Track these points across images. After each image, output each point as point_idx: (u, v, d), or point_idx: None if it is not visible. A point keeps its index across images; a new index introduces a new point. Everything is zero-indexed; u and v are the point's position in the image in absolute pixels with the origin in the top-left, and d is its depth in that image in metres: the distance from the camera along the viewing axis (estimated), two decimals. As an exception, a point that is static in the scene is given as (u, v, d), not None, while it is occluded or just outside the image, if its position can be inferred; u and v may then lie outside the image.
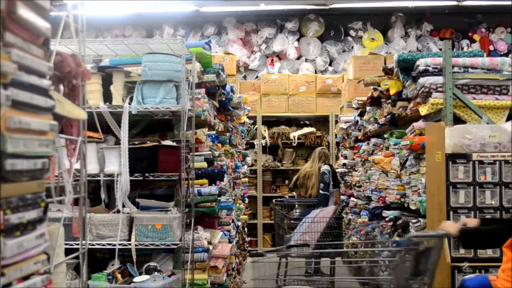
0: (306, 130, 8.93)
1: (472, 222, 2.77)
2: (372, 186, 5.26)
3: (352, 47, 9.30)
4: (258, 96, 8.69)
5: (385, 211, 4.56)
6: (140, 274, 3.43)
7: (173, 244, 3.44)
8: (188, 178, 3.67)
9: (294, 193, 8.15)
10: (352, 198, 6.48)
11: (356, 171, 6.30)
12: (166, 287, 3.28)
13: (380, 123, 4.94)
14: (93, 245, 3.40)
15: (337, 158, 8.15)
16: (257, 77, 9.25)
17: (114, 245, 3.44)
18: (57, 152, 1.81)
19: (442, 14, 9.16)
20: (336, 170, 7.83)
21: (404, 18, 9.29)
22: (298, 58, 9.35)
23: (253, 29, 9.44)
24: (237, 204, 6.09)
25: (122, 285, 3.33)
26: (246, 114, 6.74)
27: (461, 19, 9.23)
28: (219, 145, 4.80)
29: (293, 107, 8.69)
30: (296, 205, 7.16)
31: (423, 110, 3.65)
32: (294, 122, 9.36)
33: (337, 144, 8.04)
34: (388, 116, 4.62)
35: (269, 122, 9.06)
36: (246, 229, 7.19)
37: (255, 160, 8.71)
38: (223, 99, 5.09)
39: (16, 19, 1.38)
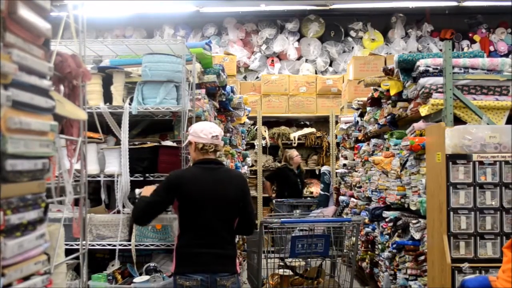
0: (306, 130, 8.93)
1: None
2: (372, 187, 5.25)
3: (352, 47, 9.30)
4: (258, 96, 8.69)
5: (385, 211, 4.56)
6: (140, 274, 3.43)
7: (173, 245, 3.44)
8: (188, 178, 3.67)
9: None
10: (352, 199, 6.47)
11: (356, 171, 6.29)
12: (166, 288, 3.29)
13: (380, 123, 4.93)
14: (93, 245, 3.40)
15: (337, 158, 8.15)
16: (257, 77, 9.25)
17: (114, 245, 3.44)
18: (57, 152, 1.81)
19: (443, 15, 9.16)
20: (337, 170, 7.83)
21: (404, 19, 9.29)
22: (299, 58, 9.35)
23: (253, 29, 9.44)
24: (237, 205, 6.06)
25: (122, 286, 3.33)
26: (247, 115, 6.74)
27: (462, 20, 9.23)
28: (220, 145, 4.80)
29: (293, 108, 8.69)
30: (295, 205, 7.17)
31: (424, 110, 3.65)
32: (295, 123, 9.36)
33: (338, 144, 8.04)
34: (388, 117, 4.62)
35: (269, 122, 9.05)
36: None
37: (255, 161, 8.71)
38: (224, 99, 5.09)
39: (16, 20, 1.38)
